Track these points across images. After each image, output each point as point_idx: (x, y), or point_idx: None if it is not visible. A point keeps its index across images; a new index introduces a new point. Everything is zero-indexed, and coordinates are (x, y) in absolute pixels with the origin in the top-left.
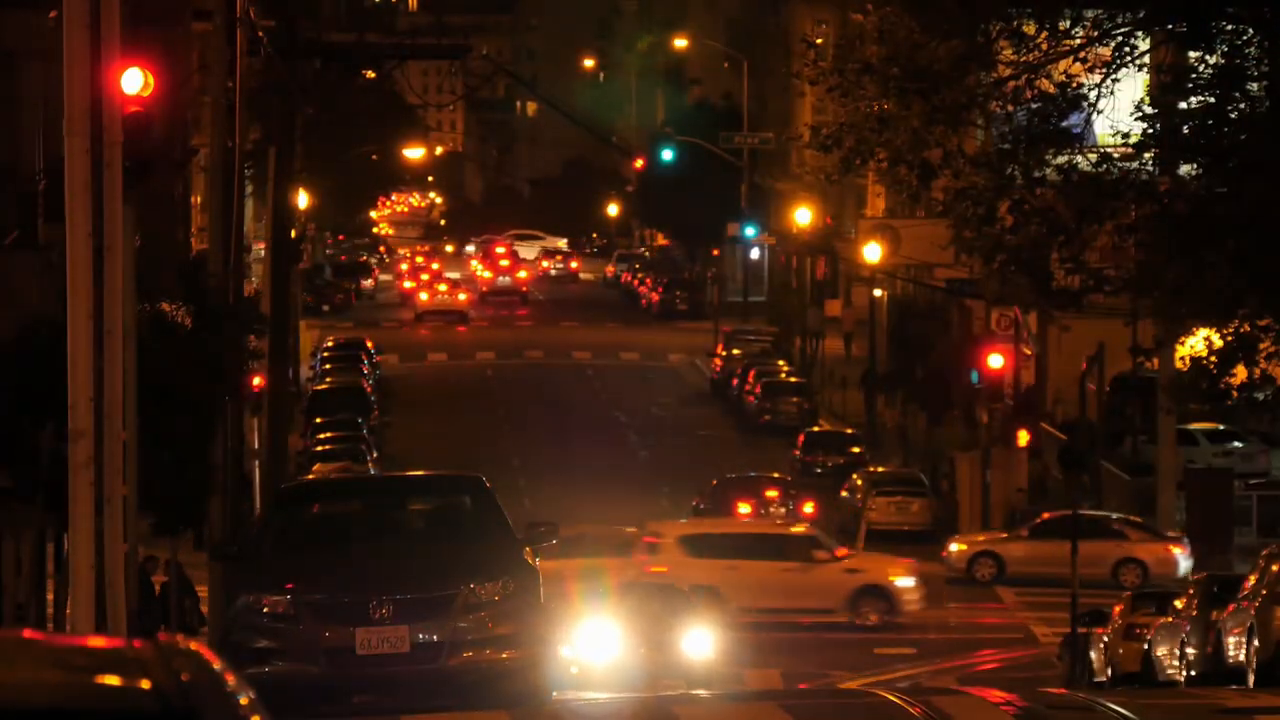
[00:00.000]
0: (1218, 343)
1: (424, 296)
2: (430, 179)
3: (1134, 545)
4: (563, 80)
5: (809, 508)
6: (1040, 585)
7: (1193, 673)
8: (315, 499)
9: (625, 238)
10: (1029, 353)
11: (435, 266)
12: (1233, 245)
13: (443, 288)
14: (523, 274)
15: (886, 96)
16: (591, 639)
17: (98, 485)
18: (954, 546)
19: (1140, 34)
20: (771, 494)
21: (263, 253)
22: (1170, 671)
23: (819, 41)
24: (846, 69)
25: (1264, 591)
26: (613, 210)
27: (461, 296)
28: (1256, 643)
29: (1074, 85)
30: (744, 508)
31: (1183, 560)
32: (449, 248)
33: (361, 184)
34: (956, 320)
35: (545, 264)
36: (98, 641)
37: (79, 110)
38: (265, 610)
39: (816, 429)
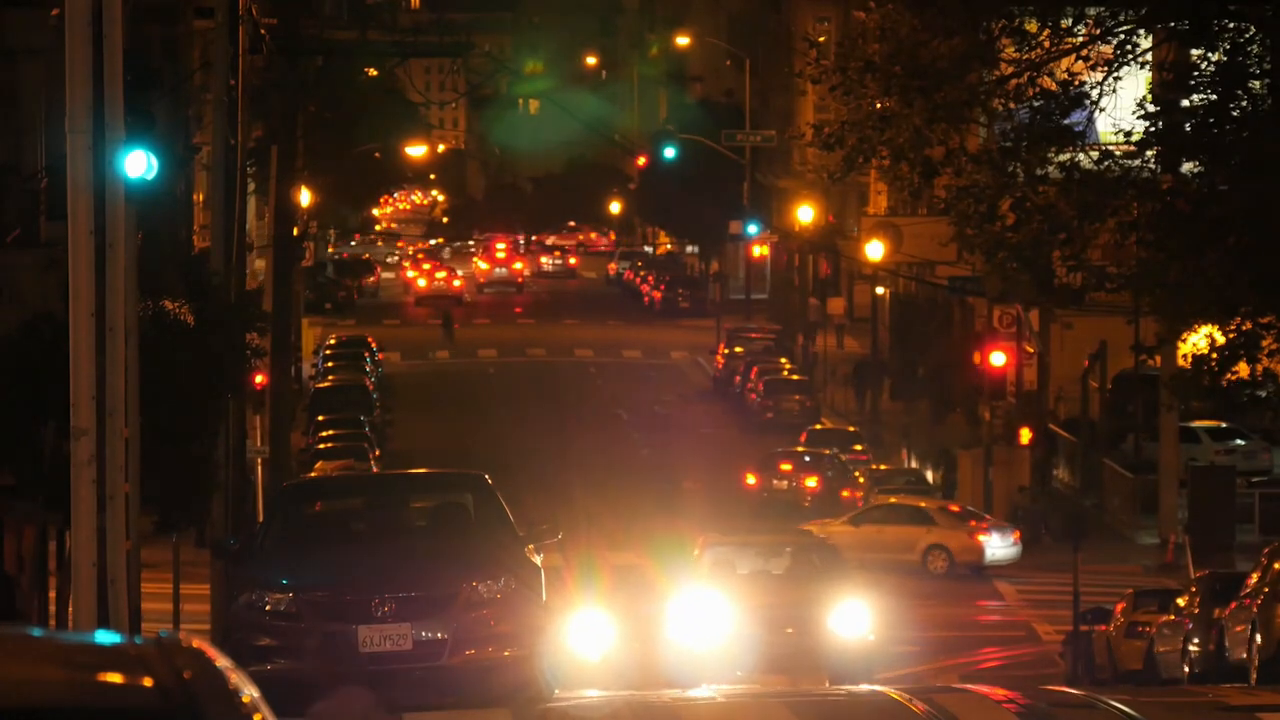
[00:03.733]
0: (1220, 340)
1: (421, 283)
2: (432, 176)
3: (941, 531)
4: (565, 78)
5: (811, 482)
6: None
7: (1195, 670)
8: (317, 497)
9: (628, 235)
10: (1031, 350)
11: (442, 253)
12: (1234, 243)
13: (440, 275)
14: (519, 265)
15: (888, 94)
16: (683, 616)
17: (100, 483)
18: None
19: (1142, 32)
20: (785, 467)
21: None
22: (1172, 669)
23: (821, 40)
24: (848, 67)
25: (1266, 589)
26: (615, 208)
27: (456, 283)
28: (1258, 640)
29: (1076, 83)
30: (750, 478)
31: (992, 547)
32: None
33: (364, 181)
34: (958, 318)
35: (544, 260)
36: (100, 639)
37: (81, 107)
38: (267, 608)
39: (819, 426)
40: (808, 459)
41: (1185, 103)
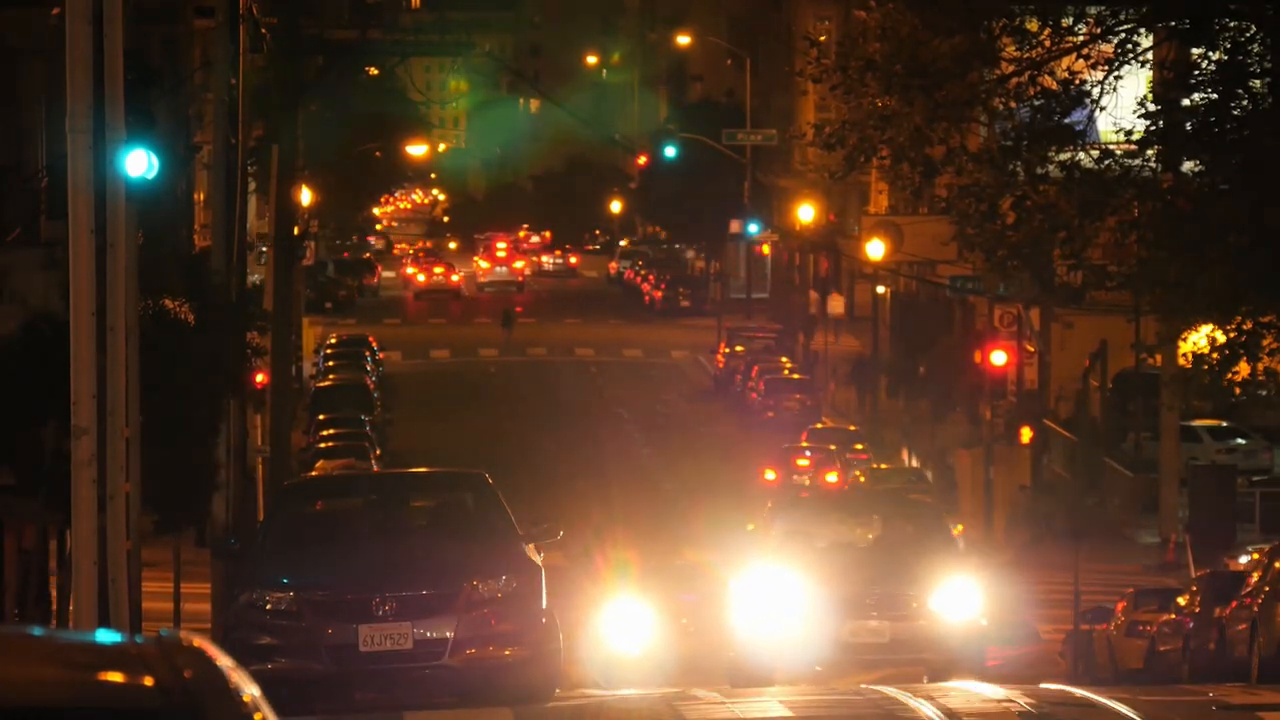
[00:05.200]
0: (1220, 339)
1: (421, 278)
2: (433, 175)
3: None
4: (566, 77)
5: (832, 476)
6: None
7: (1196, 670)
8: (318, 496)
9: (629, 234)
10: (1032, 349)
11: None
12: (1234, 242)
13: (439, 270)
14: (519, 264)
15: (889, 93)
16: (748, 601)
17: (100, 482)
18: None
19: (1143, 31)
20: (802, 462)
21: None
22: (1173, 668)
23: (821, 39)
24: (849, 66)
25: (1266, 588)
26: (615, 207)
27: (455, 278)
28: (1259, 639)
29: (1077, 82)
30: (769, 473)
31: None
32: (452, 245)
33: (365, 181)
34: (959, 317)
35: (544, 259)
36: (100, 638)
37: (81, 107)
38: (268, 607)
39: (819, 425)
40: (824, 454)
41: (1186, 102)
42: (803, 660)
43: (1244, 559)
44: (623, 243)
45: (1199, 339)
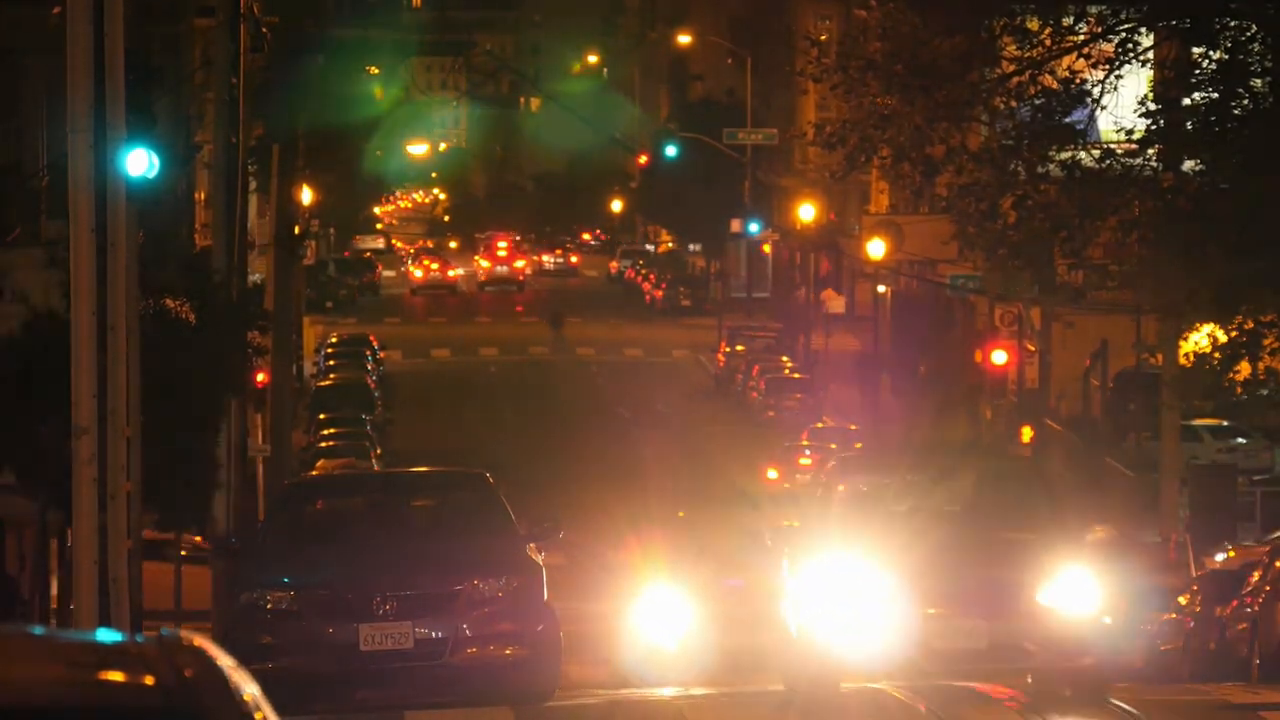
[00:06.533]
0: (1221, 338)
1: (418, 274)
2: (434, 175)
3: None
4: (567, 76)
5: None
6: None
7: (1196, 669)
8: (319, 495)
9: (628, 233)
10: (1032, 349)
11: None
12: (1235, 241)
13: (434, 266)
14: (520, 264)
15: (890, 93)
16: (805, 586)
17: (101, 482)
18: None
19: (1144, 30)
20: (804, 461)
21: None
22: (1174, 667)
23: (822, 38)
24: (850, 66)
25: (1267, 588)
26: (616, 206)
27: (451, 274)
28: (1260, 639)
29: (1077, 81)
30: (772, 472)
31: None
32: (453, 244)
33: (366, 180)
34: (960, 316)
35: (545, 259)
36: (101, 637)
37: (82, 106)
38: (269, 606)
39: (820, 425)
40: (825, 452)
41: (1186, 101)
42: (876, 666)
43: (1220, 556)
44: (604, 238)
45: (1200, 338)
